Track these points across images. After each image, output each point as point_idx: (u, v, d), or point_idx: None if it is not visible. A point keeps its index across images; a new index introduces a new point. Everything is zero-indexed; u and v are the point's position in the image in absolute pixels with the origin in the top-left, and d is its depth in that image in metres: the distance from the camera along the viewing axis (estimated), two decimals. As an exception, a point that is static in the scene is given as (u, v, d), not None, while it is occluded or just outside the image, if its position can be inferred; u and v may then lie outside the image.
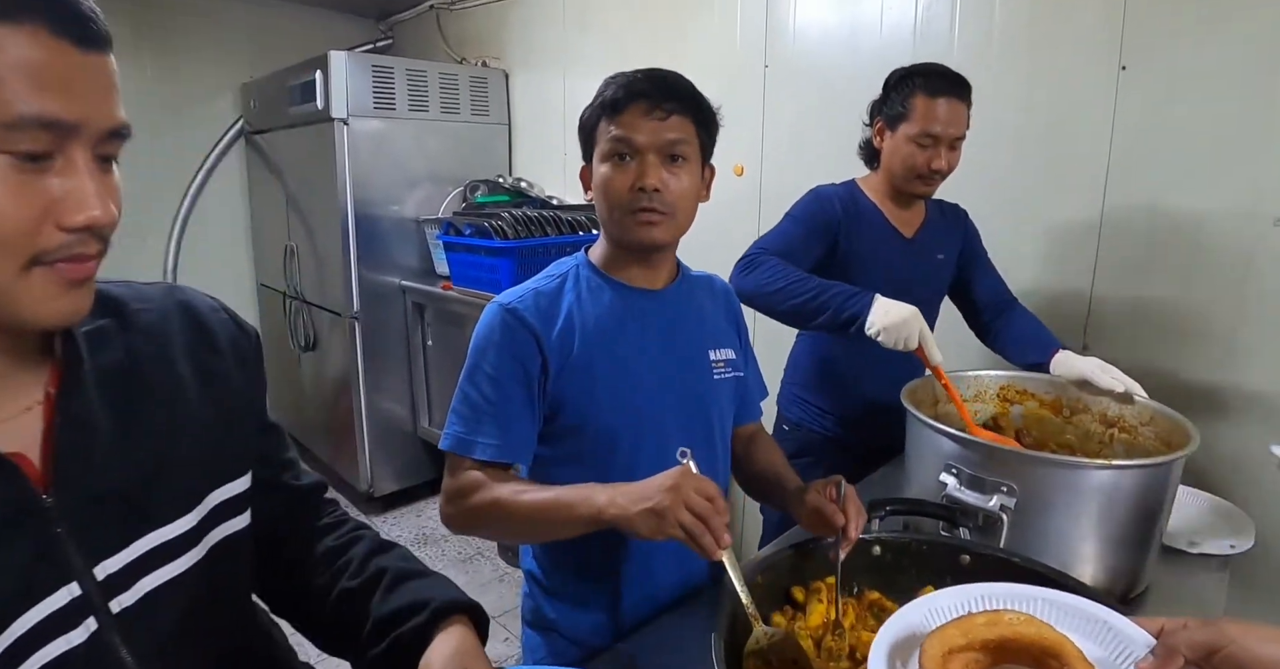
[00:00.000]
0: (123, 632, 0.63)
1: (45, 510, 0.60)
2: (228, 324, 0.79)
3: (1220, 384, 1.71)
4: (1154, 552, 1.17)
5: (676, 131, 1.03)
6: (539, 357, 1.05)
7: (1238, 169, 1.66)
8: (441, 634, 0.73)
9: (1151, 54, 1.75)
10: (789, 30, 2.44)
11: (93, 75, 0.55)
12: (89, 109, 0.54)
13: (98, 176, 0.56)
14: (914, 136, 1.53)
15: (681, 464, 0.90)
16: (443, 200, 3.41)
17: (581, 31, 3.11)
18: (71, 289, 0.57)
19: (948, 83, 1.53)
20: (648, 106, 1.02)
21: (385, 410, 3.41)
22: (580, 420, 1.08)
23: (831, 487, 1.02)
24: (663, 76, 1.05)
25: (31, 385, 0.63)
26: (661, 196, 1.03)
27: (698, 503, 0.83)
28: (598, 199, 1.08)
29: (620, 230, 1.08)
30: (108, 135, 0.57)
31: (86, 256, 0.57)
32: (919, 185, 1.58)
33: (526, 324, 1.05)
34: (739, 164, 2.60)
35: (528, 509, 0.96)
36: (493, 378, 1.05)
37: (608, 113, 1.04)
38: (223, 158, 3.89)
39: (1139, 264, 1.82)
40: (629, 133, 1.02)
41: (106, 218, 0.56)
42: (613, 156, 1.04)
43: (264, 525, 0.79)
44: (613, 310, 1.10)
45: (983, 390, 1.48)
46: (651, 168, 1.03)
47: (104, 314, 0.68)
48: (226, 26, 3.79)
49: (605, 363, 1.08)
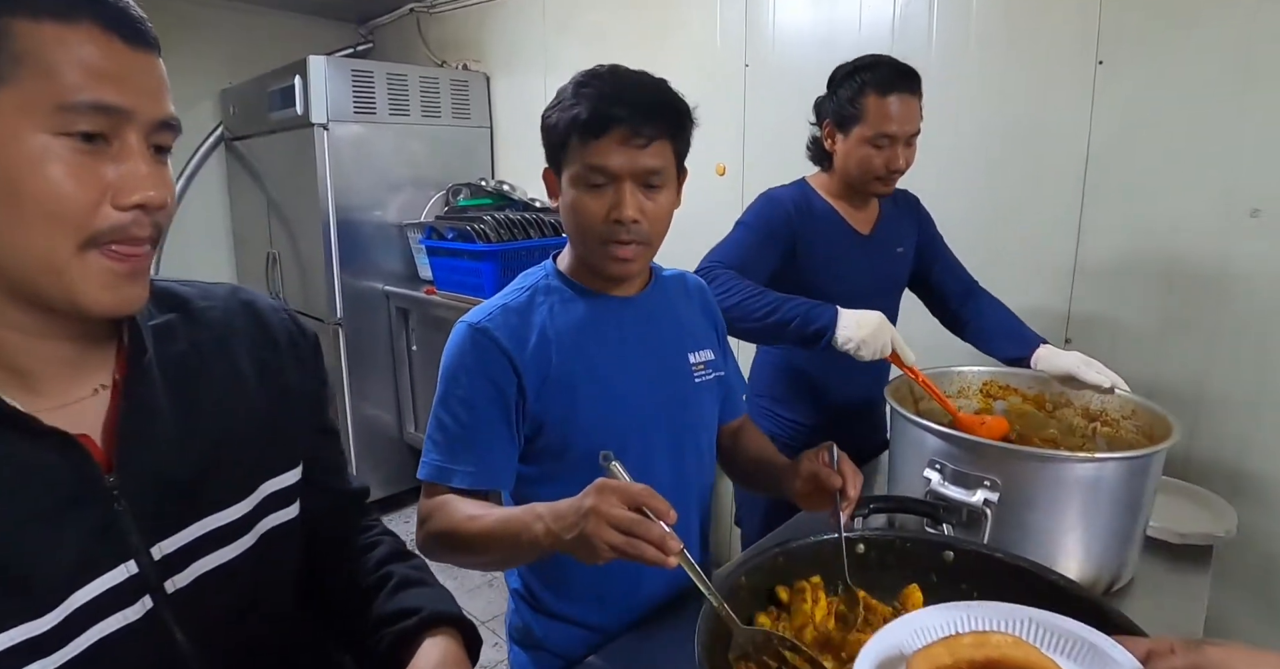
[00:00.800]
0: (176, 611, 0.66)
1: (107, 489, 0.63)
2: (287, 323, 0.83)
3: (1201, 376, 1.72)
4: (1138, 543, 1.18)
5: (656, 159, 0.97)
6: (514, 377, 1.01)
7: (1215, 161, 1.67)
8: (427, 643, 0.73)
9: (1128, 49, 1.76)
10: (768, 29, 2.44)
11: (142, 70, 0.60)
12: (140, 99, 0.59)
13: (151, 162, 0.60)
14: (870, 139, 1.47)
15: (607, 472, 0.82)
16: (425, 204, 3.39)
17: (562, 33, 3.10)
18: (125, 280, 0.60)
19: (897, 77, 1.46)
20: (626, 133, 0.95)
21: (371, 417, 3.39)
22: (562, 438, 1.05)
23: (824, 451, 1.02)
24: (643, 99, 0.97)
25: (100, 372, 0.67)
26: (639, 227, 0.98)
27: (622, 518, 0.76)
28: (567, 219, 1.03)
29: (592, 258, 1.03)
30: (159, 125, 0.61)
31: (139, 239, 0.60)
32: (878, 186, 1.53)
33: (498, 344, 1.01)
34: (721, 164, 2.60)
35: (480, 540, 0.92)
36: (467, 402, 1.01)
37: (580, 134, 0.96)
38: (203, 165, 3.85)
39: (1119, 258, 1.83)
40: (604, 161, 0.96)
41: (159, 198, 0.60)
42: (586, 182, 0.98)
43: (307, 522, 0.82)
44: (587, 321, 1.07)
45: (966, 386, 1.48)
46: (628, 197, 0.97)
47: (171, 310, 0.73)
48: (204, 33, 3.75)
49: (584, 377, 1.04)
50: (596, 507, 0.77)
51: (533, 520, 0.85)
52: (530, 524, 0.85)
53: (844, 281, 1.56)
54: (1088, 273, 1.89)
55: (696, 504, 1.18)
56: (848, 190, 1.59)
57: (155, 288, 0.74)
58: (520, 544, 0.87)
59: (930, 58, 2.07)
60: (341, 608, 0.83)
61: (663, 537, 0.75)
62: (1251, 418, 1.66)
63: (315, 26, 4.08)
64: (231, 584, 0.71)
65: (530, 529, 0.85)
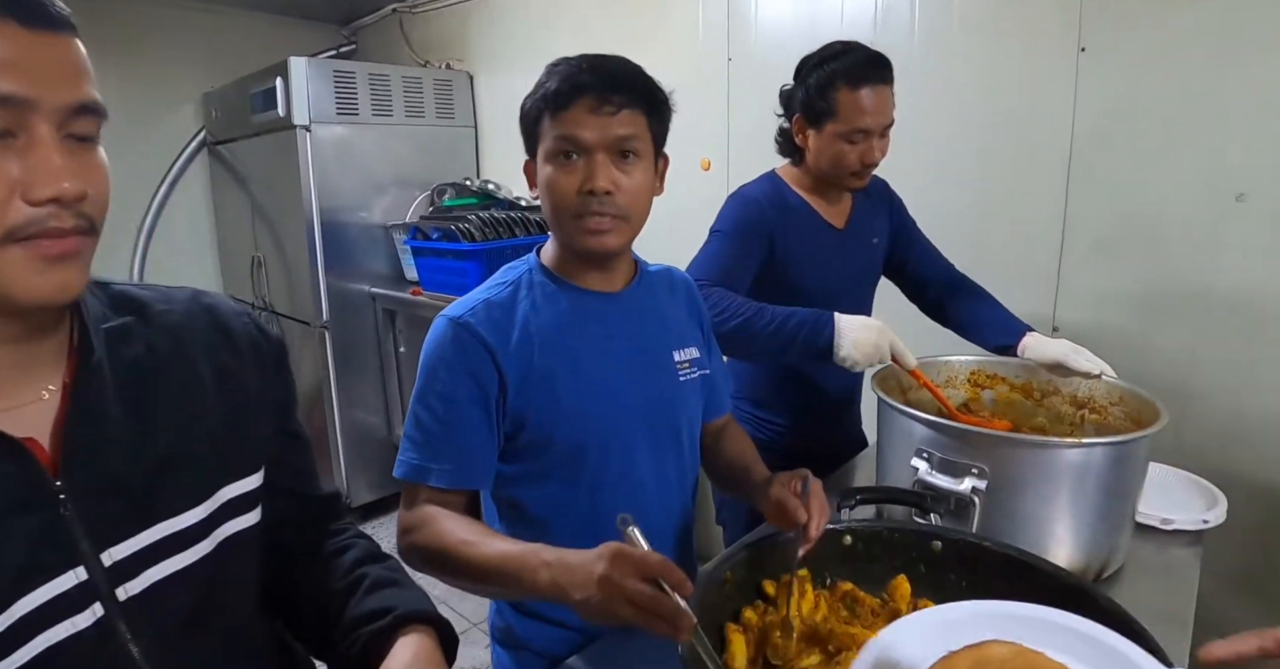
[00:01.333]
0: (129, 619, 0.64)
1: (54, 494, 0.61)
2: (249, 328, 0.81)
3: (1190, 360, 1.72)
4: (1128, 529, 1.17)
5: (627, 127, 0.95)
6: (495, 372, 0.99)
7: (1199, 146, 1.66)
8: (401, 641, 0.72)
9: (1110, 35, 1.76)
10: (751, 22, 2.43)
11: (46, 53, 0.55)
12: (45, 86, 0.55)
13: (67, 152, 0.57)
14: (843, 134, 1.41)
15: (624, 536, 0.77)
16: (410, 205, 3.37)
17: (545, 30, 3.08)
18: (54, 265, 0.57)
19: (868, 67, 1.39)
20: (595, 101, 0.93)
21: (359, 420, 3.36)
22: (544, 435, 1.02)
23: (797, 481, 0.98)
24: (609, 66, 0.96)
25: (50, 376, 0.65)
26: (613, 199, 0.95)
27: (636, 594, 0.71)
28: (544, 200, 1.01)
29: (568, 237, 1.00)
30: (73, 112, 0.57)
31: (62, 231, 0.57)
32: (853, 181, 1.47)
33: (479, 338, 0.98)
34: (705, 158, 2.58)
35: (475, 570, 0.88)
36: (446, 398, 0.98)
37: (550, 108, 0.95)
38: (185, 170, 3.82)
39: (1105, 245, 1.83)
40: (574, 130, 0.94)
41: (74, 190, 0.56)
42: (558, 156, 0.96)
43: (271, 527, 0.80)
44: (570, 317, 1.04)
45: (953, 376, 1.47)
46: (601, 168, 0.94)
47: (128, 313, 0.71)
48: (186, 37, 3.72)
49: (567, 373, 1.01)
50: (610, 577, 0.72)
51: (538, 566, 0.80)
52: (535, 570, 0.81)
53: (821, 277, 1.53)
54: (1075, 261, 1.88)
55: (679, 503, 1.16)
56: (820, 184, 1.54)
57: (113, 291, 0.73)
58: (519, 586, 0.83)
59: (913, 48, 2.06)
60: (314, 613, 0.81)
61: (676, 612, 0.70)
62: (1239, 403, 1.66)
63: (298, 29, 4.05)
64: (187, 591, 0.68)
65: (534, 576, 0.80)
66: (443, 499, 0.99)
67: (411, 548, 0.97)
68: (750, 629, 0.93)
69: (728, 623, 0.93)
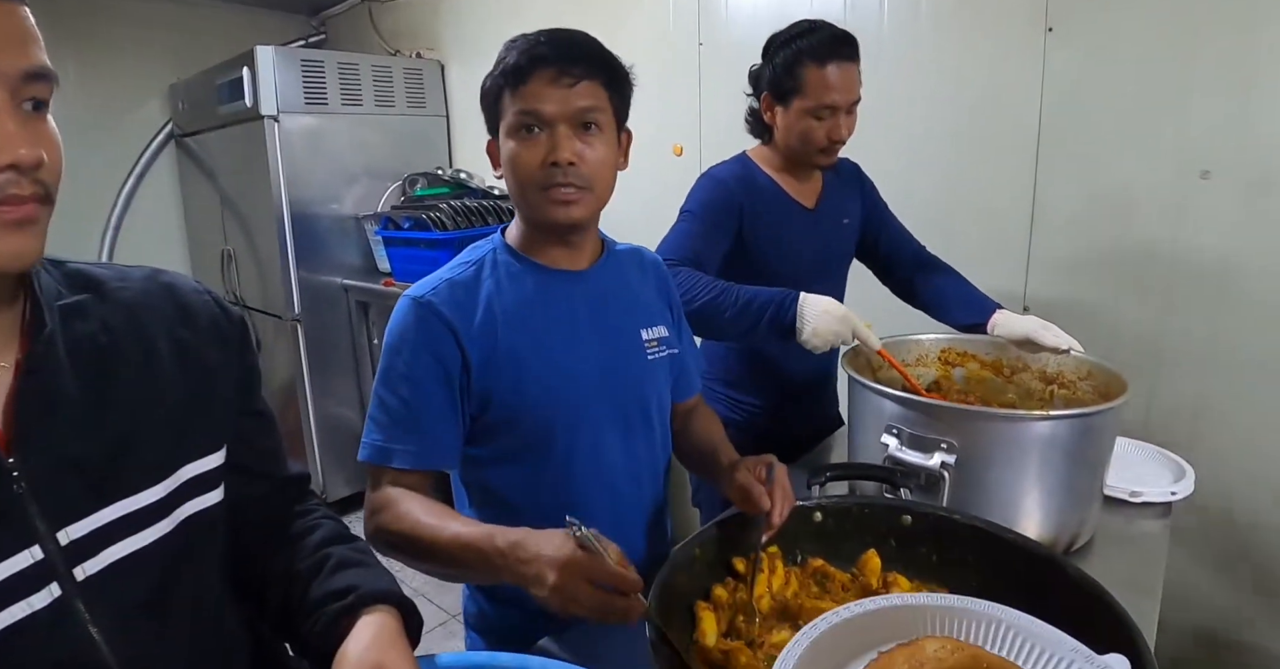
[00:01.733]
0: (87, 599, 0.63)
1: (6, 471, 0.60)
2: (210, 305, 0.80)
3: (1158, 336, 1.73)
4: (1096, 502, 1.18)
5: (587, 98, 0.95)
6: (458, 352, 0.98)
7: (1163, 125, 1.67)
8: (362, 621, 0.70)
9: (1076, 15, 1.76)
10: (721, 7, 2.41)
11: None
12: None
13: (20, 120, 0.57)
14: (810, 110, 1.42)
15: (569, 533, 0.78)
16: (382, 195, 3.33)
17: (515, 17, 3.05)
18: (12, 230, 0.57)
19: (834, 44, 1.40)
20: (554, 73, 0.93)
21: (334, 414, 3.33)
22: (510, 415, 1.01)
23: (762, 467, 0.99)
24: (567, 38, 0.96)
25: (2, 353, 0.63)
26: (577, 170, 0.95)
27: (586, 600, 0.75)
28: (508, 176, 1.00)
29: (534, 210, 1.00)
30: (25, 79, 0.57)
31: (19, 198, 0.56)
32: (821, 158, 1.48)
33: (442, 318, 0.98)
34: (678, 144, 2.57)
35: (437, 554, 0.89)
36: (409, 379, 0.97)
37: (510, 82, 0.95)
38: (153, 163, 3.76)
39: (1074, 224, 1.84)
40: (535, 104, 0.93)
41: (31, 156, 0.56)
42: (520, 130, 0.96)
43: (237, 508, 0.79)
44: (535, 296, 1.03)
45: (924, 354, 1.47)
46: (564, 140, 0.94)
47: (84, 290, 0.70)
48: (151, 28, 3.66)
49: (531, 353, 1.01)
50: (563, 586, 0.75)
51: (493, 555, 0.82)
52: (490, 558, 0.82)
53: (792, 256, 1.53)
54: (1044, 240, 1.89)
55: (650, 482, 1.15)
56: (790, 163, 1.54)
57: (69, 269, 0.72)
58: (479, 574, 0.87)
59: (882, 30, 2.06)
60: (279, 594, 0.80)
61: (628, 612, 0.75)
62: (1206, 377, 1.68)
63: (266, 19, 4.00)
64: (148, 572, 0.67)
65: (490, 565, 0.83)
66: (408, 481, 0.98)
67: (376, 531, 0.95)
68: (720, 606, 0.93)
69: (698, 600, 0.93)
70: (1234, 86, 1.58)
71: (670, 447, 1.21)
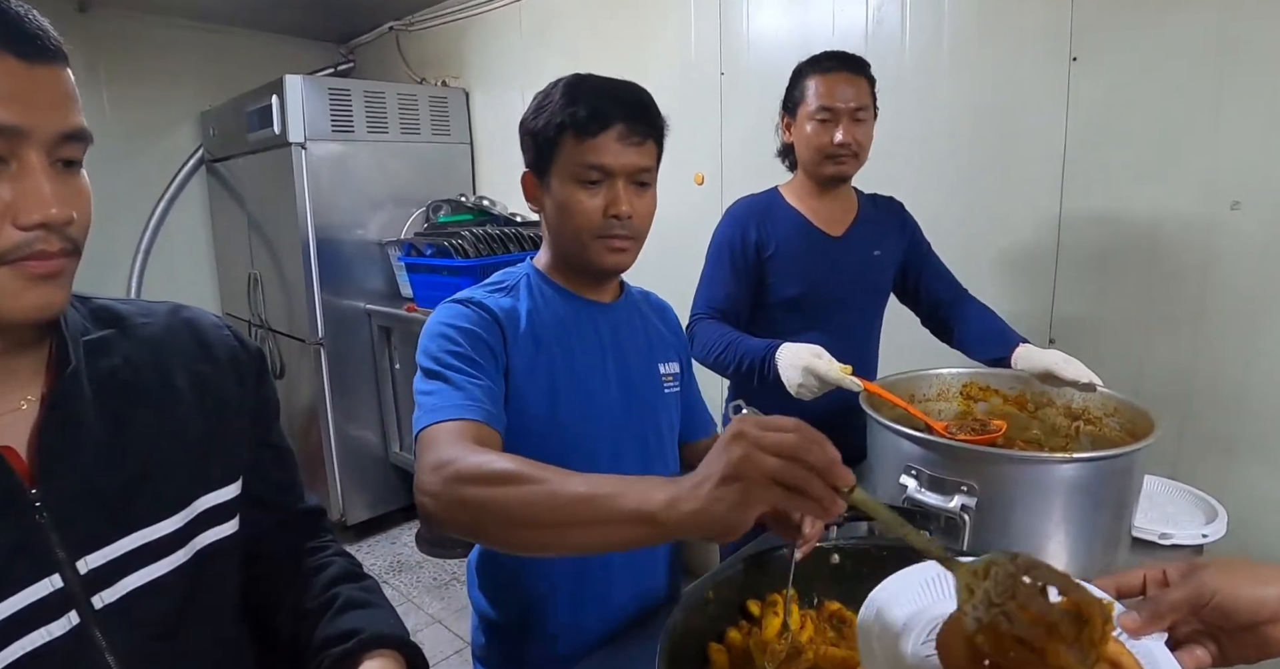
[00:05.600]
0: (104, 627, 0.65)
1: (29, 502, 0.62)
2: (229, 339, 0.83)
3: (1186, 372, 1.69)
4: (1124, 544, 1.14)
5: (647, 158, 1.02)
6: (504, 350, 0.99)
7: (1192, 155, 1.65)
8: (364, 666, 0.70)
9: (1101, 44, 1.75)
10: (743, 36, 2.43)
11: (41, 85, 0.58)
12: (38, 116, 0.57)
13: (55, 178, 0.59)
14: (813, 113, 1.48)
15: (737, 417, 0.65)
16: (406, 222, 3.37)
17: (540, 46, 3.09)
18: (39, 283, 0.59)
19: (840, 60, 1.50)
20: (624, 130, 0.98)
21: (355, 438, 3.34)
22: (541, 426, 1.02)
23: None
24: (635, 96, 1.02)
25: (30, 387, 0.66)
26: (632, 223, 1.02)
27: (779, 440, 0.58)
28: (560, 220, 1.03)
29: (588, 254, 1.04)
30: (62, 140, 0.59)
31: (49, 254, 0.59)
32: (830, 166, 1.50)
33: (495, 316, 1.00)
34: (699, 173, 2.58)
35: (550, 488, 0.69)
36: (466, 358, 0.94)
37: (578, 132, 0.98)
38: (184, 188, 3.83)
39: (1100, 256, 1.81)
40: (604, 159, 0.98)
41: (62, 216, 0.58)
42: (583, 179, 1.00)
43: (251, 539, 0.81)
44: (569, 319, 1.07)
45: (946, 389, 1.45)
46: (624, 194, 1.00)
47: (108, 326, 0.73)
48: (185, 56, 3.75)
49: (564, 370, 1.04)
50: (745, 432, 0.60)
51: (651, 487, 0.64)
52: (647, 491, 0.64)
53: (813, 285, 1.53)
54: (1070, 272, 1.86)
55: None
56: (813, 185, 1.57)
57: (95, 305, 0.75)
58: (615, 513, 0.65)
59: (904, 60, 2.06)
60: (289, 630, 0.80)
61: (830, 464, 0.59)
62: (1238, 414, 1.63)
63: (297, 48, 4.08)
64: (164, 601, 0.69)
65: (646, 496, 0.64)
66: (480, 435, 0.86)
67: (455, 478, 0.75)
68: (734, 648, 0.91)
69: (710, 642, 0.91)
70: (1263, 115, 1.55)
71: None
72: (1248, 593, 0.62)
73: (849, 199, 1.63)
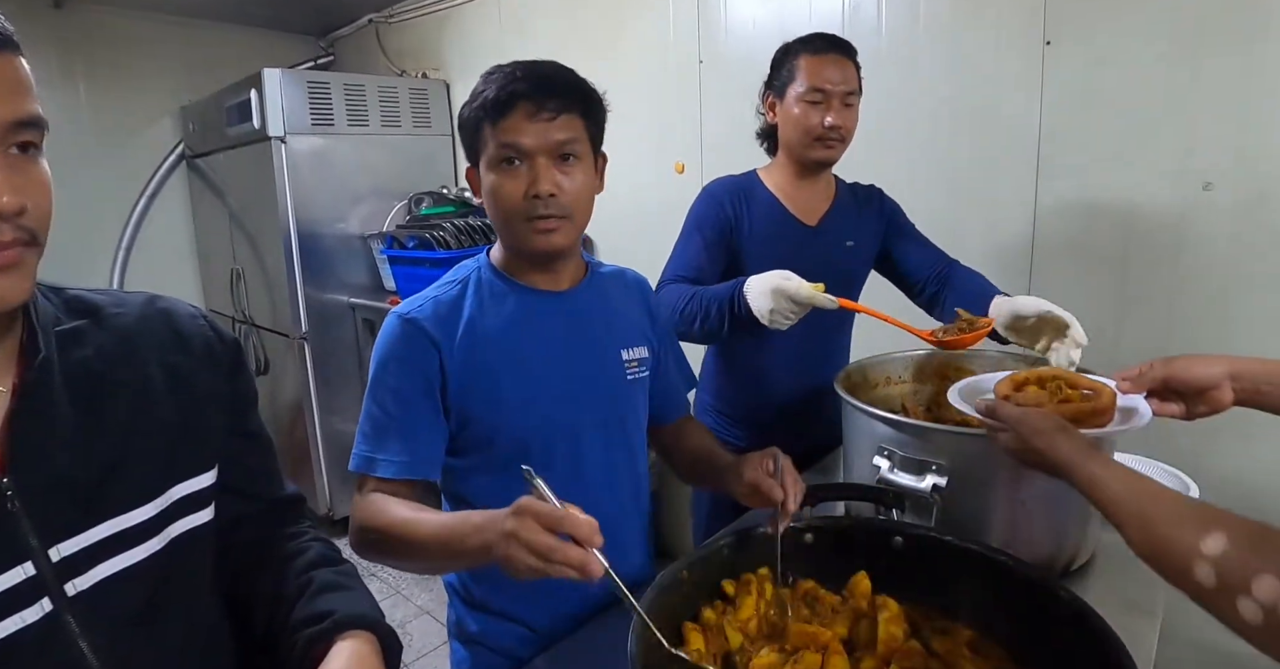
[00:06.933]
0: (77, 614, 0.65)
1: (0, 491, 0.62)
2: (204, 329, 0.83)
3: (1162, 350, 1.71)
4: (1095, 520, 1.15)
5: (565, 131, 0.99)
6: (439, 366, 1.01)
7: (1165, 137, 1.66)
8: (336, 647, 0.71)
9: (1075, 28, 1.76)
10: (721, 24, 2.43)
11: None
12: None
13: (7, 167, 0.58)
14: (803, 95, 1.44)
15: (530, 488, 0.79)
16: (388, 215, 3.36)
17: (519, 37, 3.08)
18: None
19: (830, 42, 1.47)
20: (532, 108, 0.96)
21: (341, 432, 3.34)
22: (488, 431, 1.05)
23: (768, 459, 1.00)
24: (544, 73, 0.99)
25: (0, 377, 0.66)
26: (557, 200, 0.99)
27: (539, 545, 0.73)
28: (489, 206, 1.03)
29: (518, 239, 1.03)
30: (14, 127, 0.59)
31: (2, 244, 0.58)
32: (819, 149, 1.47)
33: (426, 333, 1.01)
34: (680, 162, 2.57)
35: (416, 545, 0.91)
36: (395, 391, 1.01)
37: (490, 116, 0.98)
38: (164, 183, 3.81)
39: (1076, 237, 1.82)
40: (515, 137, 0.97)
41: (13, 205, 0.58)
42: (500, 162, 0.99)
43: (228, 527, 0.81)
44: (517, 315, 1.07)
45: (921, 368, 1.46)
46: (544, 172, 0.98)
47: (82, 316, 0.73)
48: (164, 50, 3.72)
49: (509, 370, 1.04)
50: (515, 532, 0.74)
51: (470, 532, 0.83)
52: (466, 536, 0.83)
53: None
54: (1046, 254, 1.88)
55: (633, 500, 1.17)
56: (795, 169, 1.54)
57: (68, 296, 0.75)
58: (457, 555, 0.86)
59: (880, 44, 2.07)
60: (264, 614, 0.81)
61: (583, 561, 0.72)
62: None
63: (276, 41, 4.06)
64: (138, 588, 0.69)
65: (465, 542, 0.83)
66: (392, 489, 1.00)
67: (359, 530, 0.97)
68: (709, 628, 0.92)
69: (685, 622, 0.92)
70: (1234, 97, 1.57)
71: (647, 464, 1.22)
72: (1200, 369, 0.99)
73: (828, 186, 1.61)
